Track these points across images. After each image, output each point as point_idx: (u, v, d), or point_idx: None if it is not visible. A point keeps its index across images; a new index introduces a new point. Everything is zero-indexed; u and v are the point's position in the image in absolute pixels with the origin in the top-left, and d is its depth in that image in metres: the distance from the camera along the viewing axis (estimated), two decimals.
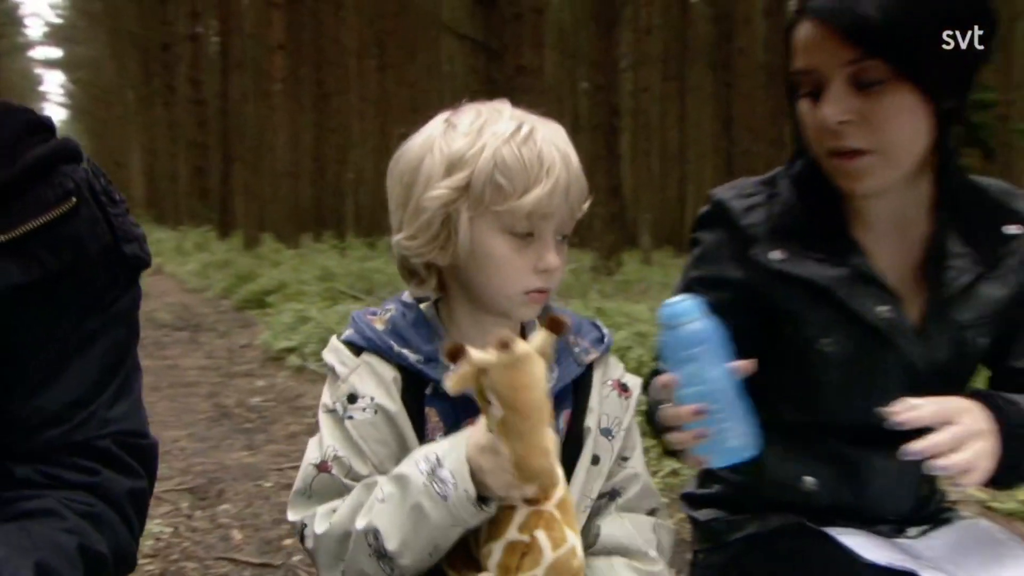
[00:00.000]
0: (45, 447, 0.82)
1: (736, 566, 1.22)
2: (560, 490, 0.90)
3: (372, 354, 0.99)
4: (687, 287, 1.24)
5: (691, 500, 1.36)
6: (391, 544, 0.88)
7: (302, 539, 0.97)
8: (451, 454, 0.88)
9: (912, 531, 1.21)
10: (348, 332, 1.03)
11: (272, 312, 7.15)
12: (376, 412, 0.96)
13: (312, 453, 0.98)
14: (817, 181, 1.14)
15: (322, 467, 0.96)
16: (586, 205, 1.01)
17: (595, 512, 1.05)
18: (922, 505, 1.24)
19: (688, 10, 25.14)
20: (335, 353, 1.01)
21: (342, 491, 0.95)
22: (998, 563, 1.08)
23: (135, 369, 0.91)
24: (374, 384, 0.97)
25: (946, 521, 1.23)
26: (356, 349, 1.00)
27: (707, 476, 1.34)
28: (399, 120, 21.60)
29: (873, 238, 1.15)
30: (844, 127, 1.04)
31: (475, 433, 0.88)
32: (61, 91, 67.10)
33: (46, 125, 0.86)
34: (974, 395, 1.02)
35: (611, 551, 1.03)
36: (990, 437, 0.97)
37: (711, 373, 0.89)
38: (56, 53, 58.93)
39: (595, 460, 1.04)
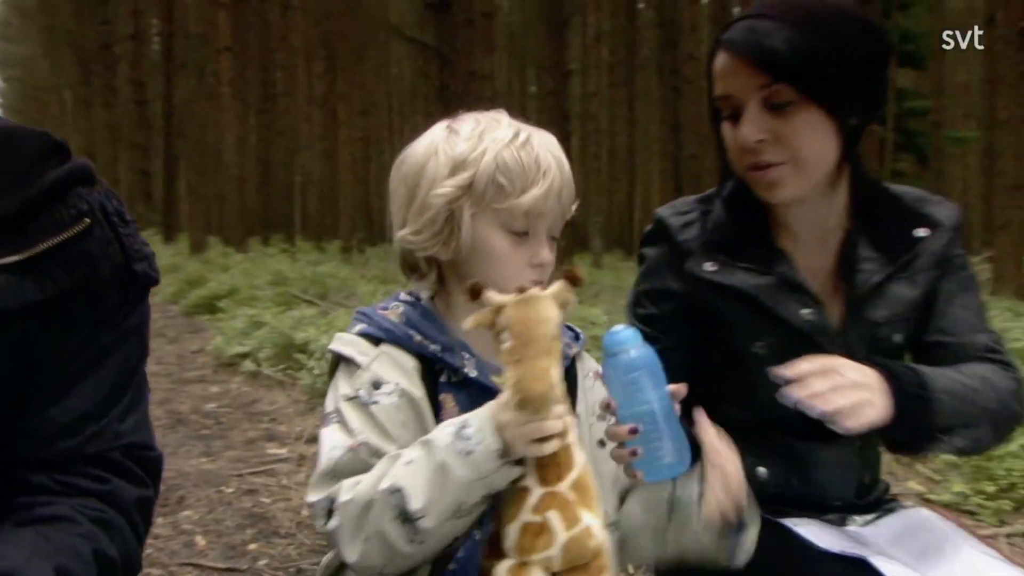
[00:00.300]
0: (59, 457, 0.85)
1: None
2: (575, 472, 0.95)
3: (391, 344, 1.04)
4: (637, 300, 1.33)
5: None
6: (415, 503, 0.91)
7: (328, 516, 0.97)
8: (476, 415, 0.94)
9: (858, 519, 1.30)
10: (360, 326, 1.07)
11: (224, 317, 7.06)
12: (400, 396, 1.01)
13: (337, 438, 1.00)
14: (746, 199, 1.24)
15: (351, 447, 0.99)
16: (574, 208, 1.08)
17: None
18: (865, 493, 1.33)
19: (635, 16, 25.49)
20: (352, 345, 1.04)
21: (368, 470, 0.97)
22: (937, 549, 1.17)
23: (144, 384, 0.94)
24: (397, 371, 1.02)
25: (890, 511, 1.32)
26: (373, 340, 1.05)
27: None
28: (347, 123, 21.44)
29: (797, 247, 1.25)
30: (761, 145, 1.14)
31: (500, 396, 0.93)
32: None
33: (62, 148, 0.88)
34: (869, 362, 1.10)
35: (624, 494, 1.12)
36: (875, 392, 1.06)
37: (646, 396, 0.96)
38: None
39: (602, 444, 1.10)
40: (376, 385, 1.01)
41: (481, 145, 1.02)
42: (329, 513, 0.96)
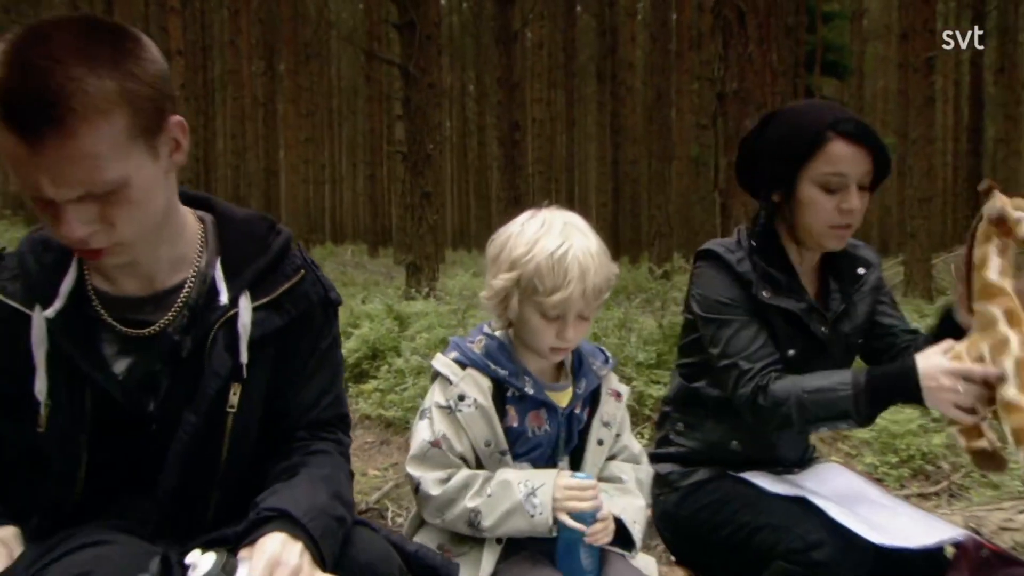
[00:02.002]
0: (311, 421, 1.29)
1: (685, 503, 1.80)
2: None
3: (473, 368, 1.45)
4: (709, 307, 1.73)
5: (652, 458, 1.92)
6: (487, 522, 1.38)
7: (416, 490, 1.43)
8: (543, 490, 1.37)
9: (796, 471, 1.84)
10: (455, 354, 1.48)
11: None
12: (476, 408, 1.42)
13: (426, 432, 1.43)
14: (772, 249, 1.72)
15: (434, 443, 1.42)
16: (606, 295, 1.45)
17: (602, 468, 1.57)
18: (804, 454, 1.89)
19: (575, 22, 26.08)
20: (448, 367, 1.46)
21: (445, 462, 1.42)
22: (851, 487, 1.72)
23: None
24: (475, 389, 1.43)
25: (815, 464, 1.88)
26: (461, 364, 1.46)
27: (663, 441, 1.92)
28: (292, 125, 21.50)
29: (807, 283, 1.76)
30: (852, 213, 1.62)
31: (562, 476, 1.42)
32: None
33: (275, 222, 1.30)
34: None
35: (605, 480, 1.57)
36: None
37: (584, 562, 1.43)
38: None
39: (600, 443, 1.54)
40: (461, 398, 1.42)
41: (531, 252, 1.37)
42: (416, 489, 1.42)
